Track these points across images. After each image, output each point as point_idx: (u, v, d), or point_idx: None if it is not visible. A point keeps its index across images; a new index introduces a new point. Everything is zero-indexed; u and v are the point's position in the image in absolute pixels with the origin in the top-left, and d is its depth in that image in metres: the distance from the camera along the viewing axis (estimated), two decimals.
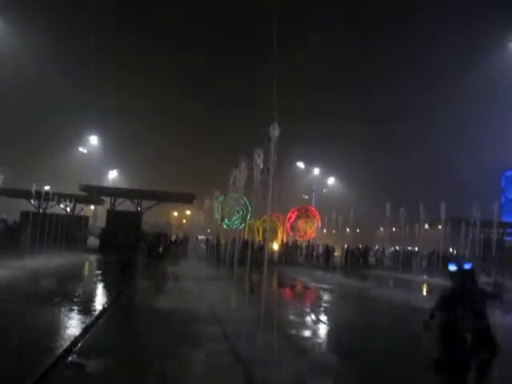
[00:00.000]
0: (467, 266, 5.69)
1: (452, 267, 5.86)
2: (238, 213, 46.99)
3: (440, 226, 35.96)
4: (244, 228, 46.22)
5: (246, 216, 46.77)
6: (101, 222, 42.88)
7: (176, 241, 39.05)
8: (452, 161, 62.79)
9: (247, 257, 14.06)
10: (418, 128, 66.19)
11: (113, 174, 64.99)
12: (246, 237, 43.26)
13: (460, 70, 58.22)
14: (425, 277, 28.61)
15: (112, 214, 37.89)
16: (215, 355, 7.13)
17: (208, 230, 56.15)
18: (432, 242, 38.87)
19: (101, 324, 9.27)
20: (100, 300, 13.21)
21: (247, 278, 11.00)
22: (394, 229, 41.09)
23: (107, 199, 39.68)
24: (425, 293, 21.69)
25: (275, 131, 8.41)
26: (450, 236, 37.21)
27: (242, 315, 9.32)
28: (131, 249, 18.43)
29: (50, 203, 37.52)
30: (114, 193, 39.80)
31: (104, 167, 62.01)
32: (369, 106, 71.81)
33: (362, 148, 65.19)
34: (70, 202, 40.29)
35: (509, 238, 44.73)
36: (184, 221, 76.35)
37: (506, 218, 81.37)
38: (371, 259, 39.32)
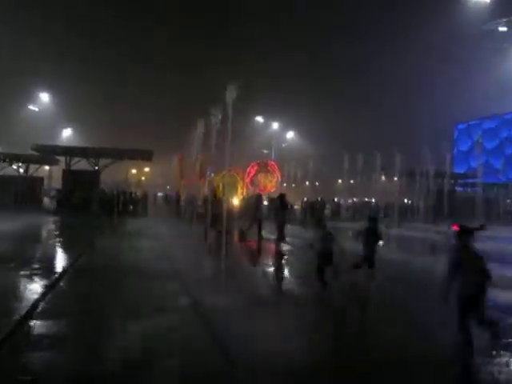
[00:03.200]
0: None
1: None
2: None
3: (396, 178, 37.02)
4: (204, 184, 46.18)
5: (205, 171, 46.59)
6: (57, 182, 41.78)
7: (134, 198, 38.37)
8: (408, 114, 63.98)
9: (207, 213, 14.12)
10: (375, 82, 66.84)
11: (67, 133, 62.75)
12: (205, 193, 43.39)
13: (414, 25, 58.42)
14: (383, 227, 29.55)
15: (68, 174, 36.95)
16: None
17: (168, 187, 55.78)
18: (388, 193, 40.01)
19: (62, 284, 9.24)
20: (60, 262, 13.07)
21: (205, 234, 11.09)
22: (351, 181, 41.95)
23: (62, 159, 38.57)
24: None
25: (232, 92, 8.42)
26: (406, 187, 38.44)
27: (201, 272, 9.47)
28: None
29: (1, 164, 36.26)
30: (69, 152, 38.59)
31: (57, 126, 59.84)
32: (327, 62, 71.73)
33: (320, 102, 65.43)
34: (23, 162, 39.02)
35: (460, 188, 46.47)
36: (143, 178, 75.37)
37: (458, 169, 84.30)
38: (327, 211, 40.08)
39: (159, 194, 53.03)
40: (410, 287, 10.13)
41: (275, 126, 59.49)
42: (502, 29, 40.32)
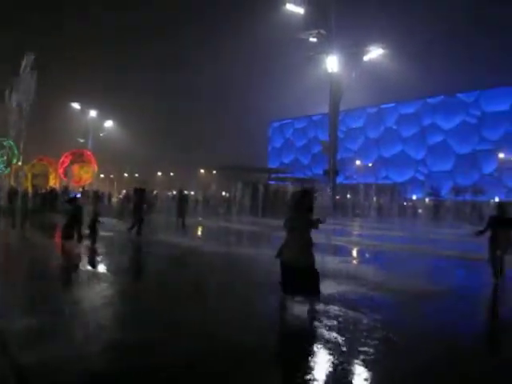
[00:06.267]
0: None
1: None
2: (2, 156, 42.14)
3: (214, 172, 38.04)
4: (10, 173, 41.61)
5: (12, 160, 42.15)
6: None
7: None
8: (227, 111, 66.45)
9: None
10: (197, 79, 67.92)
11: None
12: (12, 183, 39.11)
13: (233, 27, 60.79)
14: (200, 218, 29.89)
15: None
16: None
17: None
18: (207, 186, 40.95)
19: None
20: None
21: None
22: (172, 174, 41.88)
23: None
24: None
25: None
26: (223, 180, 39.73)
27: None
28: None
29: None
30: None
31: None
32: (150, 57, 70.72)
33: (142, 94, 64.07)
34: None
35: (273, 182, 49.71)
36: None
37: (272, 165, 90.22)
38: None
39: None
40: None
41: (93, 113, 56.21)
42: (313, 39, 44.12)
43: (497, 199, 51.67)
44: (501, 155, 69.14)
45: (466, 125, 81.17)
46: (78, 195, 14.19)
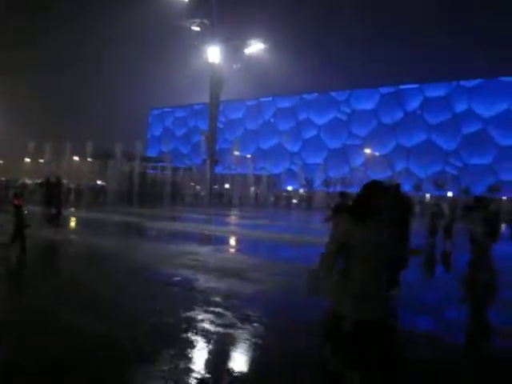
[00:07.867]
0: None
1: None
2: None
3: (89, 159, 36.35)
4: None
5: None
6: None
7: None
8: (104, 98, 63.90)
9: None
10: (78, 65, 64.21)
11: None
12: None
13: (119, 12, 58.39)
14: (72, 209, 28.43)
15: None
16: None
17: None
18: (82, 174, 38.95)
19: None
20: None
21: None
22: (41, 160, 39.16)
23: None
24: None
25: None
26: (99, 169, 38.17)
27: None
28: None
29: None
30: None
31: None
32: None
33: (12, 75, 58.93)
34: None
35: (151, 171, 48.68)
36: None
37: (151, 153, 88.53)
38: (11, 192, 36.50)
39: None
40: None
41: None
42: (196, 28, 43.80)
43: None
44: (367, 150, 75.06)
45: (337, 121, 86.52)
46: None
